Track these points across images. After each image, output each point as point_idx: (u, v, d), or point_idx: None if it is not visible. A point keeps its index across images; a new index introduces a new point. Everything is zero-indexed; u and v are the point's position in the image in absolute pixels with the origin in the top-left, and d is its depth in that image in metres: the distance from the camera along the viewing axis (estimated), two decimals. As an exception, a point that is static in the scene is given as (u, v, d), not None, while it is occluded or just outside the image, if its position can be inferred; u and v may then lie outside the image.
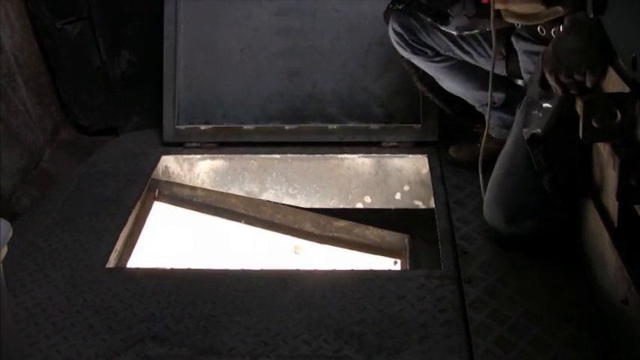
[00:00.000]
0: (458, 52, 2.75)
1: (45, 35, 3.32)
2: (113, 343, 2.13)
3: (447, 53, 2.78)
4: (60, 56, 3.38)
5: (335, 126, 3.27)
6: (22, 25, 3.21)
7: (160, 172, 3.30)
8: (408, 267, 3.04)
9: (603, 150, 1.96)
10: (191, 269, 2.54)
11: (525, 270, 2.33)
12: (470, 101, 2.89)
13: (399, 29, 2.79)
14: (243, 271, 2.49)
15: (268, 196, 3.38)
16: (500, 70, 2.64)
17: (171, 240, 2.84)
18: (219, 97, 3.41)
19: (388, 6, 2.83)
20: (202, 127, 3.37)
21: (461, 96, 2.90)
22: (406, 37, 2.78)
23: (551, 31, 2.29)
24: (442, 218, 2.70)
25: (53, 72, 3.40)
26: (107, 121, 3.56)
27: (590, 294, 2.17)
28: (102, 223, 2.77)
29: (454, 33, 2.64)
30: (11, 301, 2.27)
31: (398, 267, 3.16)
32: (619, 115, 1.82)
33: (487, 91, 2.45)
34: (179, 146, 3.36)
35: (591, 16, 1.67)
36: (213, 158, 3.34)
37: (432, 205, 2.90)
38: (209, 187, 3.35)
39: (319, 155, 3.29)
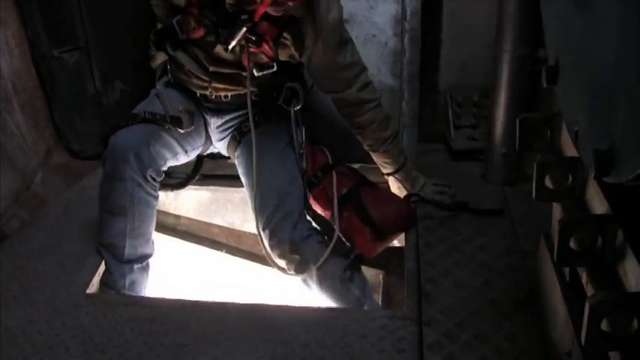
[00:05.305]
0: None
1: (43, 62, 3.41)
2: (86, 367, 2.23)
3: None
4: (56, 83, 3.46)
5: (316, 162, 3.33)
6: (21, 52, 3.31)
7: (146, 199, 3.37)
8: (380, 302, 3.13)
9: (556, 209, 2.06)
10: (166, 299, 2.65)
11: (485, 316, 2.40)
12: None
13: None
14: (215, 302, 2.59)
15: (249, 227, 3.44)
16: None
17: (153, 266, 2.93)
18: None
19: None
20: (189, 159, 3.46)
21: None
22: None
23: None
24: (410, 259, 2.74)
25: (49, 98, 3.48)
26: (98, 147, 3.64)
27: (542, 344, 2.25)
28: (86, 248, 2.86)
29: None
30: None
31: (371, 302, 3.25)
32: (570, 177, 1.94)
33: None
34: (166, 176, 3.43)
35: (545, 86, 1.80)
36: (198, 189, 3.42)
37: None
38: (193, 217, 3.44)
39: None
